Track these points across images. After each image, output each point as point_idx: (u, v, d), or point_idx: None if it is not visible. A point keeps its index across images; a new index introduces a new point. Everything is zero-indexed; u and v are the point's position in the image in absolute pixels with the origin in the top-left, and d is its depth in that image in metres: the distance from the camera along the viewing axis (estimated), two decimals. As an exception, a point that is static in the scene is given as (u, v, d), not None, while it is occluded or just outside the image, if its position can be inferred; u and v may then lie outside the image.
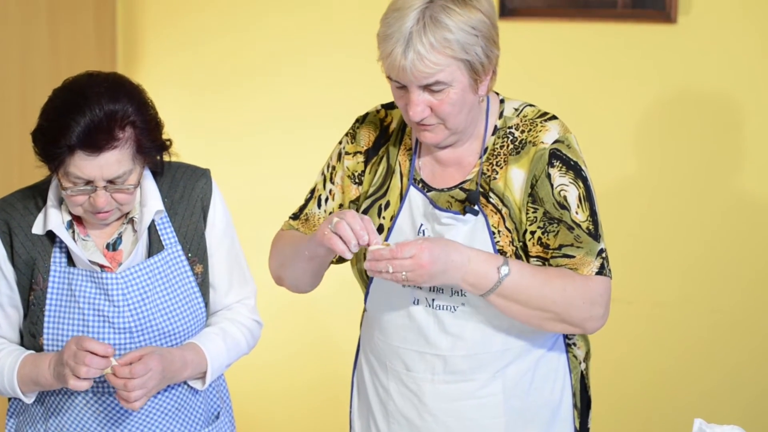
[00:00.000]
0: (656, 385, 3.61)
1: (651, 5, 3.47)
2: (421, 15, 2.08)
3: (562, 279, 2.16)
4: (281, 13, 3.86)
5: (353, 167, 2.34)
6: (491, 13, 2.15)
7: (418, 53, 2.07)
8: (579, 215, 2.20)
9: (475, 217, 2.20)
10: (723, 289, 3.53)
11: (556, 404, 2.30)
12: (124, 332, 2.25)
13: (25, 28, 3.58)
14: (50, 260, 2.26)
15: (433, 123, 2.16)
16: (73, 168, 2.13)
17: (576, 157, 2.22)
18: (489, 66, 2.15)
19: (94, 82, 2.18)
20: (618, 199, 3.60)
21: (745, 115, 3.46)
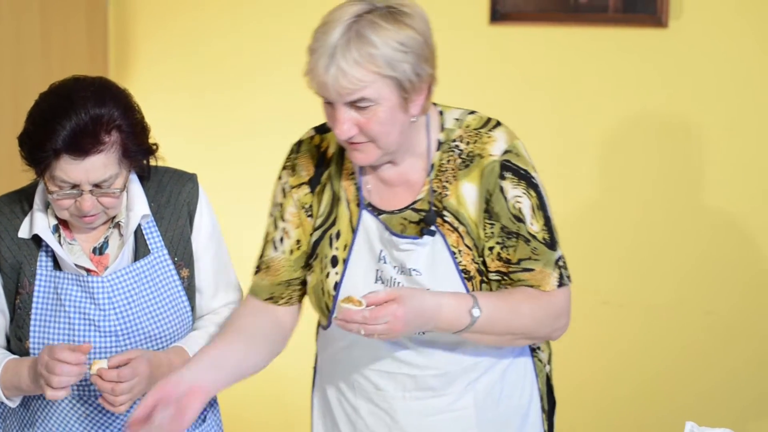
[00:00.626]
0: (649, 388, 3.61)
1: (642, 9, 3.48)
2: (346, 29, 2.02)
3: (530, 303, 2.16)
4: (274, 15, 3.87)
5: (304, 200, 2.26)
6: (425, 30, 2.08)
7: (341, 68, 2.01)
8: (534, 226, 2.17)
9: (432, 237, 2.15)
10: (717, 291, 3.54)
11: (526, 409, 2.30)
12: (109, 335, 2.25)
13: (17, 32, 3.58)
14: (36, 264, 2.26)
15: (362, 141, 2.09)
16: (59, 172, 2.13)
17: (525, 165, 2.18)
18: (419, 84, 2.07)
19: (81, 86, 2.19)
20: (611, 202, 3.61)
21: (738, 117, 3.47)
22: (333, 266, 2.20)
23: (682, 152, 3.52)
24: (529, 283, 2.17)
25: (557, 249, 2.21)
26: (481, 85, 3.69)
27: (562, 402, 3.65)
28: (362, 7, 2.05)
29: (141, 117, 2.24)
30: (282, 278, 2.27)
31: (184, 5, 3.93)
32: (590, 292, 3.63)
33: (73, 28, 3.83)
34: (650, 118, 3.54)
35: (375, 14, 2.04)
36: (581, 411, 3.68)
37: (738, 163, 3.48)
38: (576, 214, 3.64)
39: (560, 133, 3.62)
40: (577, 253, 3.65)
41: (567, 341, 3.72)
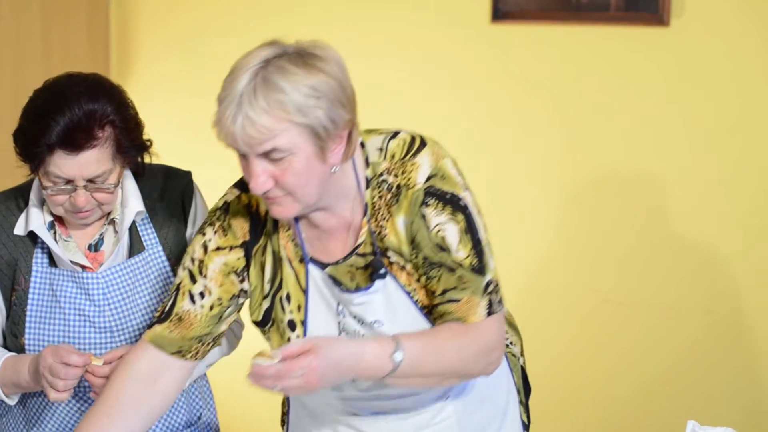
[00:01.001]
0: (650, 387, 3.61)
1: (644, 8, 3.48)
2: (253, 76, 1.91)
3: (456, 340, 2.02)
4: (274, 15, 3.87)
5: (234, 263, 2.13)
6: (339, 74, 1.96)
7: (248, 117, 1.89)
8: (460, 253, 2.03)
9: (384, 280, 2.06)
10: (716, 290, 3.54)
11: (504, 406, 2.26)
12: (104, 331, 2.27)
13: (18, 32, 3.58)
14: (32, 261, 2.27)
15: (279, 195, 1.97)
16: (53, 167, 2.14)
17: (452, 186, 2.04)
18: (335, 131, 1.94)
19: (74, 82, 2.20)
20: (613, 199, 3.61)
21: (740, 116, 3.47)
22: (292, 330, 2.11)
23: (684, 151, 3.52)
24: (455, 315, 2.04)
25: (487, 273, 2.06)
26: (482, 84, 3.69)
27: (561, 401, 3.66)
28: (271, 52, 1.94)
29: (135, 113, 2.25)
30: (194, 333, 2.14)
31: (184, 5, 3.94)
32: (590, 291, 3.63)
33: (74, 28, 3.83)
34: (652, 117, 3.54)
35: (284, 59, 1.93)
36: (582, 410, 3.68)
37: (740, 162, 3.47)
38: (576, 214, 3.64)
39: (561, 132, 3.62)
40: (578, 252, 3.66)
41: (567, 340, 3.74)
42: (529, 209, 3.68)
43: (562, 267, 3.67)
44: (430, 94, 3.73)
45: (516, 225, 3.69)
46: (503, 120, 3.68)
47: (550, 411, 3.59)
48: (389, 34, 3.75)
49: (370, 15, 3.77)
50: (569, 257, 3.67)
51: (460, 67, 3.69)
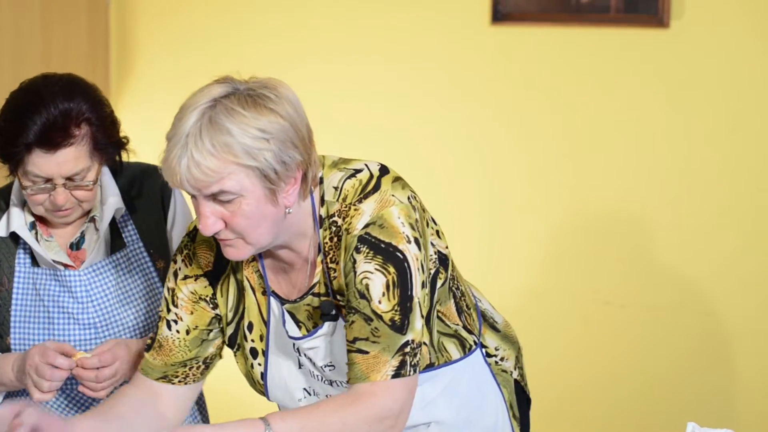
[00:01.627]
0: (650, 388, 3.61)
1: (644, 10, 3.48)
2: (200, 116, 1.85)
3: (340, 413, 1.91)
4: (274, 15, 3.87)
5: (201, 291, 2.11)
6: (292, 114, 1.89)
7: (194, 159, 1.83)
8: (383, 305, 1.93)
9: (336, 322, 2.01)
10: (716, 292, 3.53)
11: (491, 427, 2.22)
12: (89, 327, 2.29)
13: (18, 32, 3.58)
14: (15, 261, 2.29)
15: (231, 237, 1.92)
16: (31, 166, 2.16)
17: (391, 236, 1.94)
18: (286, 173, 1.89)
19: (49, 82, 2.22)
20: (613, 202, 3.61)
21: (740, 117, 3.47)
22: (254, 357, 2.10)
23: (684, 152, 3.52)
24: (359, 368, 1.94)
25: (408, 333, 1.94)
26: (482, 85, 3.68)
27: (562, 402, 3.66)
28: (221, 90, 1.89)
29: (110, 111, 2.26)
30: (176, 358, 2.13)
31: (184, 5, 3.93)
32: (591, 293, 3.63)
33: (74, 28, 3.83)
34: (651, 118, 3.54)
35: (233, 99, 1.87)
36: (582, 411, 3.68)
37: (739, 163, 3.47)
38: (577, 215, 3.64)
39: (561, 133, 3.62)
40: (578, 254, 3.66)
41: (568, 342, 3.73)
42: (528, 210, 3.67)
43: (563, 269, 3.67)
44: (430, 95, 3.73)
45: (516, 226, 3.69)
46: (503, 121, 3.68)
47: (551, 412, 3.59)
48: (389, 35, 3.75)
49: (370, 16, 3.77)
50: (569, 259, 3.67)
51: (460, 69, 3.69)
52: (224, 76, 1.95)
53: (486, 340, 2.23)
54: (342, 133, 3.66)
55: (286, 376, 2.09)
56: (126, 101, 3.94)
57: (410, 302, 1.95)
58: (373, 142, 3.73)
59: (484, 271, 3.55)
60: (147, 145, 4.00)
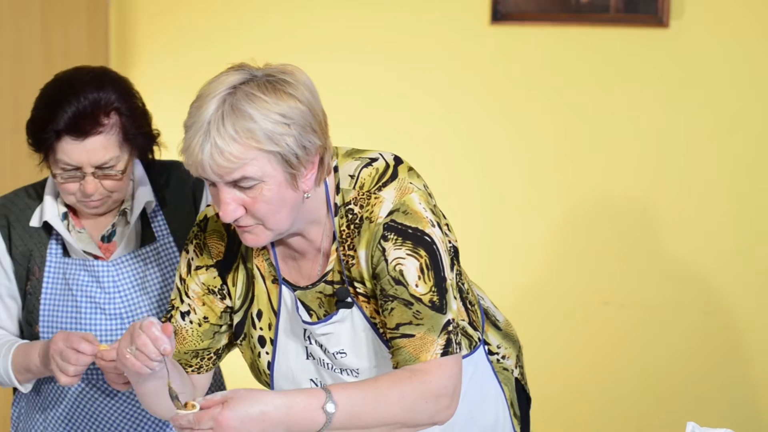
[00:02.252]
0: (650, 388, 3.61)
1: (643, 10, 3.48)
2: (221, 103, 1.86)
3: (398, 387, 1.92)
4: (274, 14, 3.87)
5: (209, 282, 2.12)
6: (310, 99, 1.92)
7: (216, 146, 1.84)
8: (420, 288, 1.96)
9: (350, 309, 2.02)
10: (717, 292, 3.53)
11: (493, 425, 2.22)
12: (115, 318, 2.34)
13: (18, 32, 3.58)
14: (46, 251, 2.35)
15: (250, 224, 1.93)
16: (61, 154, 2.22)
17: (416, 221, 1.97)
18: (307, 158, 1.90)
19: (81, 72, 2.29)
20: (613, 202, 3.61)
21: (740, 117, 3.47)
22: (262, 346, 2.11)
23: (684, 152, 3.52)
24: (407, 351, 1.96)
25: (447, 312, 1.97)
26: (482, 85, 3.69)
27: (562, 402, 3.66)
28: (239, 78, 1.90)
29: (141, 103, 2.33)
30: (189, 347, 2.13)
31: (184, 5, 3.94)
32: (591, 293, 3.63)
33: (74, 28, 3.83)
34: (651, 118, 3.54)
35: (252, 85, 1.88)
36: (582, 411, 3.68)
37: (739, 163, 3.47)
38: (577, 214, 3.64)
39: (561, 133, 3.62)
40: (579, 254, 3.66)
41: (568, 342, 3.73)
42: (528, 210, 3.68)
43: (563, 269, 3.67)
44: (430, 95, 3.73)
45: (516, 226, 3.69)
46: (503, 121, 3.68)
47: (551, 412, 3.59)
48: (389, 35, 3.75)
49: (370, 16, 3.77)
50: (569, 259, 3.67)
51: (460, 69, 3.69)
52: (240, 63, 1.96)
53: (488, 338, 2.24)
54: (342, 133, 3.64)
55: (294, 366, 2.10)
56: (126, 101, 3.95)
57: (444, 283, 1.98)
58: (373, 141, 3.71)
59: (484, 271, 3.55)
60: (147, 145, 3.99)
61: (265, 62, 1.96)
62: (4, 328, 2.39)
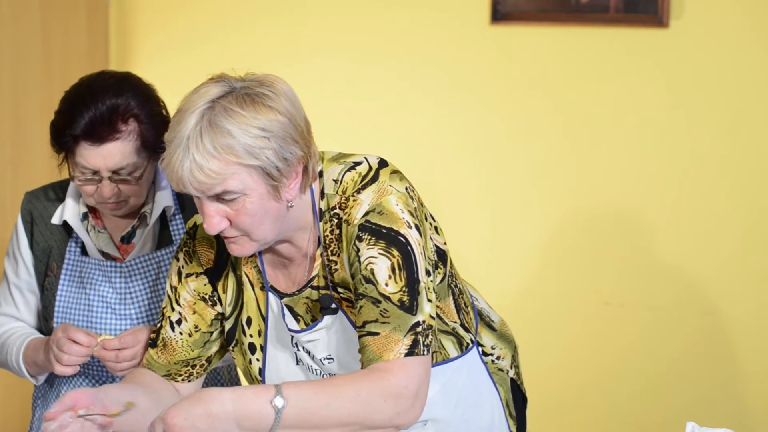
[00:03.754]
0: (650, 388, 3.61)
1: (643, 10, 3.48)
2: (199, 119, 1.86)
3: (354, 384, 1.89)
4: (274, 15, 3.86)
5: (200, 289, 2.12)
6: (289, 109, 1.91)
7: (196, 162, 1.85)
8: (389, 287, 1.94)
9: (335, 316, 2.02)
10: (717, 292, 3.54)
11: (488, 424, 2.22)
12: (125, 319, 2.36)
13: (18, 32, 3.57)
14: (66, 249, 2.39)
15: (235, 235, 1.94)
16: (79, 158, 2.24)
17: (391, 221, 1.96)
18: (288, 169, 1.91)
19: (103, 77, 2.31)
20: (613, 202, 3.61)
21: (739, 117, 3.47)
22: (252, 353, 2.11)
23: (684, 152, 3.52)
24: (371, 350, 1.93)
25: (418, 314, 1.94)
26: (482, 85, 3.68)
27: (562, 402, 3.66)
28: (218, 91, 1.90)
29: (163, 110, 2.33)
30: (180, 357, 2.14)
31: (184, 5, 3.93)
32: (591, 293, 3.63)
33: (74, 29, 3.82)
34: (651, 118, 3.54)
35: (230, 98, 1.88)
36: (582, 411, 3.68)
37: (740, 163, 3.48)
38: (577, 214, 3.64)
39: (561, 133, 3.62)
40: (579, 254, 3.66)
41: (568, 342, 3.73)
42: (528, 210, 3.67)
43: (563, 269, 3.67)
44: (430, 95, 3.73)
45: (516, 226, 3.69)
46: (503, 121, 3.68)
47: (551, 412, 3.59)
48: (389, 35, 3.75)
49: (370, 16, 3.77)
50: (569, 259, 3.67)
51: (460, 69, 3.69)
52: (219, 74, 1.95)
53: (482, 339, 2.23)
54: (342, 133, 3.65)
55: (284, 372, 2.09)
56: (126, 101, 3.95)
57: (417, 285, 1.95)
58: (372, 141, 3.72)
59: (484, 271, 3.55)
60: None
61: (247, 71, 1.96)
62: (24, 321, 2.43)
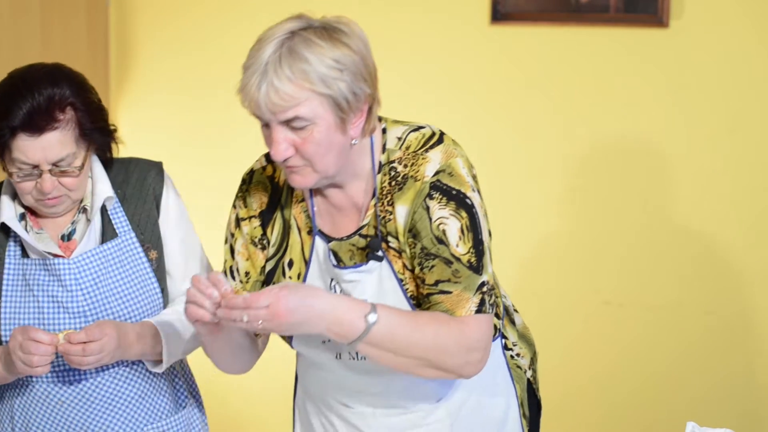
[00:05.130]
0: (649, 388, 3.61)
1: (643, 10, 3.48)
2: (279, 46, 1.98)
3: (435, 324, 2.03)
4: (274, 15, 3.84)
5: (251, 233, 2.22)
6: (362, 50, 2.04)
7: (273, 85, 1.96)
8: (460, 248, 2.07)
9: (380, 263, 2.11)
10: (716, 291, 3.54)
11: (502, 418, 2.26)
12: (78, 316, 2.29)
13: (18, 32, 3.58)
14: (5, 253, 2.31)
15: (299, 165, 2.04)
16: (17, 152, 2.19)
17: (460, 184, 2.09)
18: (357, 104, 2.02)
19: (35, 69, 2.27)
20: (613, 201, 3.61)
21: (740, 117, 3.47)
22: None
23: (684, 152, 3.52)
24: (443, 306, 2.07)
25: (483, 274, 2.09)
26: (482, 85, 3.69)
27: (562, 402, 3.66)
28: (297, 24, 2.02)
29: (97, 98, 2.30)
30: None
31: (184, 5, 3.94)
32: (591, 292, 3.63)
33: (74, 28, 3.83)
34: (651, 118, 3.54)
35: (309, 31, 2.00)
36: (582, 411, 3.68)
37: (740, 163, 3.48)
38: (576, 215, 3.64)
39: (561, 133, 3.62)
40: (579, 253, 3.66)
41: (568, 341, 3.73)
42: (528, 210, 3.68)
43: (563, 268, 3.67)
44: (430, 95, 3.73)
45: (516, 226, 3.69)
46: (503, 121, 3.68)
47: (550, 412, 3.58)
48: (389, 35, 3.75)
49: (370, 16, 3.77)
50: (569, 259, 3.67)
51: (460, 69, 3.69)
52: (298, 13, 2.06)
53: (507, 332, 2.29)
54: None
55: None
56: (125, 101, 3.95)
57: (481, 246, 2.10)
58: (372, 141, 3.73)
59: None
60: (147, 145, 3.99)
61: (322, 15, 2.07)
62: None
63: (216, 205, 3.18)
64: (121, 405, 2.34)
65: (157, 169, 2.41)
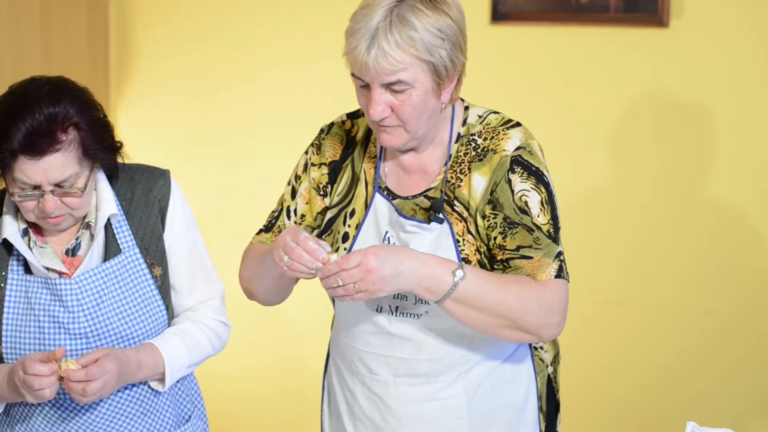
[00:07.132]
0: (649, 388, 3.61)
1: (643, 9, 3.48)
2: (388, 12, 2.09)
3: (518, 284, 2.14)
4: (274, 15, 3.87)
5: (318, 179, 2.34)
6: (460, 20, 2.15)
7: (382, 49, 2.08)
8: (540, 218, 2.21)
9: (440, 225, 2.20)
10: (716, 291, 3.54)
11: (521, 407, 2.32)
12: (79, 337, 2.23)
13: (18, 32, 3.58)
14: (8, 269, 2.25)
15: (393, 125, 2.16)
16: (18, 173, 2.12)
17: (538, 163, 2.22)
18: (453, 72, 2.15)
19: (36, 85, 2.17)
20: (611, 201, 3.61)
21: (737, 118, 3.47)
22: (343, 242, 2.27)
23: (683, 152, 3.52)
24: (525, 271, 2.18)
25: (559, 244, 2.24)
26: (482, 84, 3.68)
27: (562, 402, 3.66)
28: None
29: (101, 114, 2.22)
30: None
31: (184, 5, 3.94)
32: (590, 292, 3.63)
33: (74, 28, 3.83)
34: (651, 118, 3.54)
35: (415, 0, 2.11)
36: (582, 411, 3.68)
37: (739, 163, 3.48)
38: (576, 214, 3.64)
39: (561, 133, 3.62)
40: (578, 253, 3.66)
41: (567, 341, 3.72)
42: (528, 210, 3.68)
43: (562, 268, 3.67)
44: (430, 95, 3.73)
45: (515, 226, 3.69)
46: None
47: (550, 412, 3.59)
48: (389, 35, 3.74)
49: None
50: (568, 259, 3.64)
51: (460, 68, 3.69)
52: None
53: None
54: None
55: None
56: (125, 101, 3.95)
57: (557, 220, 2.24)
58: (372, 141, 3.73)
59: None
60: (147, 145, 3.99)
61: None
62: None
63: (216, 205, 3.18)
64: (123, 422, 2.29)
65: (164, 179, 2.33)
